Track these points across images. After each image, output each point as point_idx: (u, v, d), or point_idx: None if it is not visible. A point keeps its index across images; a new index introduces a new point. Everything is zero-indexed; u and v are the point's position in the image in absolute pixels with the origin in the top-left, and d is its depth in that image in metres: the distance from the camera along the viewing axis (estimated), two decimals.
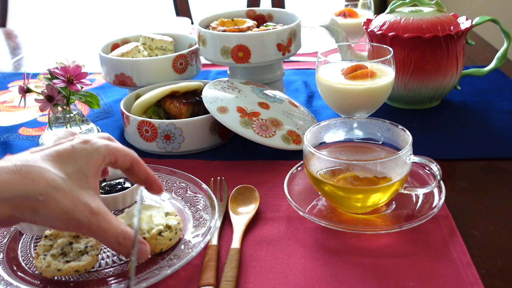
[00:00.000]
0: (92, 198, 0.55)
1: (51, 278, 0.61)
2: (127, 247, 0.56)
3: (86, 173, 0.56)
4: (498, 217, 0.69)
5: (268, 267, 0.62)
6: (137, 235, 0.55)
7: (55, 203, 0.52)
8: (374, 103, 0.89)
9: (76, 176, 0.55)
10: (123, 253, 0.56)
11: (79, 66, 0.89)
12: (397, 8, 1.00)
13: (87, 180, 0.55)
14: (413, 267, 0.61)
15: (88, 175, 0.56)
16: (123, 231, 0.55)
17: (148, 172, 0.63)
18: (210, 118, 0.87)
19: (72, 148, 0.56)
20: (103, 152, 0.57)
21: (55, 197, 0.52)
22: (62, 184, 0.53)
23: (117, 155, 0.59)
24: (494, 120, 0.96)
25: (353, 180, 0.67)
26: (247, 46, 0.96)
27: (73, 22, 3.45)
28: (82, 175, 0.55)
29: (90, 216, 0.54)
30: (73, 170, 0.55)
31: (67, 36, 1.73)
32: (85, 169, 0.56)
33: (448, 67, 0.96)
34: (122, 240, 0.55)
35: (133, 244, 0.56)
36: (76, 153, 0.56)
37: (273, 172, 0.82)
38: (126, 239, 0.55)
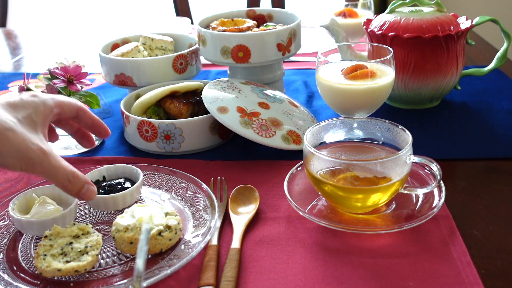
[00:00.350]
0: (42, 142, 0.61)
1: (51, 278, 0.61)
2: (76, 186, 0.62)
3: (35, 120, 0.62)
4: (498, 217, 0.69)
5: (268, 267, 0.62)
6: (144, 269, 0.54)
7: (8, 142, 0.58)
8: (374, 103, 0.89)
9: (26, 121, 0.61)
10: (73, 192, 0.62)
11: (79, 66, 0.89)
12: (397, 8, 1.00)
13: (36, 127, 0.62)
14: (413, 267, 0.61)
15: (37, 122, 0.62)
16: (72, 170, 0.62)
17: (94, 117, 0.71)
18: (210, 118, 0.87)
19: (21, 99, 0.63)
20: (50, 103, 0.65)
21: (7, 135, 0.58)
22: (13, 126, 0.59)
23: (63, 105, 0.67)
24: (494, 120, 0.96)
25: (353, 180, 0.67)
26: (247, 46, 0.96)
27: (73, 22, 3.45)
28: (31, 121, 0.62)
29: (41, 155, 0.59)
30: (23, 116, 0.61)
31: (67, 36, 1.73)
32: (34, 117, 0.62)
33: (448, 67, 0.96)
34: (71, 179, 0.61)
35: (81, 185, 0.62)
36: (25, 103, 0.63)
37: (273, 172, 0.82)
38: (75, 178, 0.62)
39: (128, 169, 0.76)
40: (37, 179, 0.82)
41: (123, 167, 0.77)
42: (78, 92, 0.90)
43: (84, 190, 0.63)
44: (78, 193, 0.63)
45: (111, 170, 0.76)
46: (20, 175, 0.84)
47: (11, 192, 0.79)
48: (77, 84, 0.87)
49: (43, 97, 0.65)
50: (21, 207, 0.70)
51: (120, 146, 0.93)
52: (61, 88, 0.88)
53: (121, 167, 0.77)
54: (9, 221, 0.71)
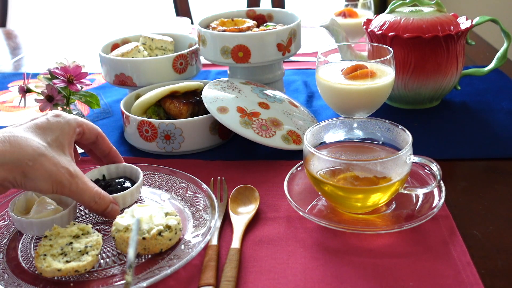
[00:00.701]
0: (70, 163, 0.64)
1: (51, 278, 0.61)
2: (102, 206, 0.66)
3: (62, 142, 0.65)
4: (498, 217, 0.69)
5: (268, 267, 0.62)
6: (133, 265, 0.55)
7: (41, 167, 0.61)
8: (374, 103, 0.89)
9: (55, 144, 0.64)
10: (99, 211, 0.66)
11: (79, 66, 0.89)
12: (397, 8, 1.00)
13: (64, 148, 0.65)
14: (413, 267, 0.61)
15: (64, 144, 0.65)
16: (98, 191, 0.66)
17: (111, 147, 0.75)
18: (210, 118, 0.87)
19: (47, 121, 0.66)
20: (73, 123, 0.68)
21: (41, 161, 0.61)
22: (45, 151, 0.62)
23: (85, 127, 0.70)
24: (494, 120, 0.96)
25: (353, 180, 0.67)
26: (247, 46, 0.96)
27: (73, 22, 3.44)
28: (59, 144, 0.65)
29: (70, 178, 0.63)
30: (52, 139, 0.64)
31: (67, 36, 1.73)
32: (61, 139, 0.65)
33: (448, 67, 0.96)
34: (98, 200, 0.65)
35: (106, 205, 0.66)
36: (52, 125, 0.66)
37: (273, 172, 0.82)
38: (101, 199, 0.66)
39: (129, 168, 0.76)
40: None
41: (124, 166, 0.76)
42: (78, 92, 0.90)
43: (109, 209, 0.67)
44: (103, 213, 0.67)
45: (111, 169, 0.76)
46: None
47: (11, 192, 0.79)
48: (77, 84, 0.87)
49: (67, 118, 0.68)
50: (21, 207, 0.70)
51: (120, 146, 0.93)
52: (61, 88, 0.88)
53: (122, 166, 0.76)
54: (9, 221, 0.71)
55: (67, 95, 0.89)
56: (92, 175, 0.75)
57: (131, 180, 0.75)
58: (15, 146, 0.60)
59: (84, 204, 0.65)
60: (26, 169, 0.60)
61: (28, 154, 0.60)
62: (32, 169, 0.60)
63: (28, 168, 0.60)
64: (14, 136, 0.61)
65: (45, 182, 0.61)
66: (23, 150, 0.60)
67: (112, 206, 0.67)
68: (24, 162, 0.60)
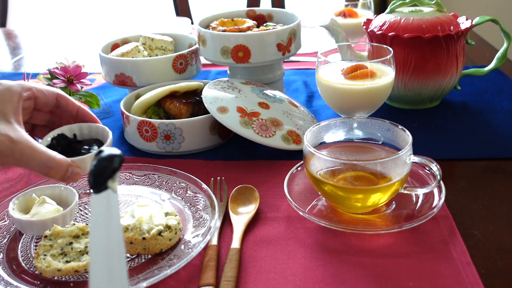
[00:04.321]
0: (11, 129, 0.58)
1: (51, 278, 0.61)
2: (59, 172, 0.58)
3: (2, 109, 0.59)
4: (498, 217, 0.70)
5: (268, 267, 0.62)
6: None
7: None
8: (374, 103, 0.89)
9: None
10: (57, 177, 0.59)
11: (79, 66, 0.89)
12: (397, 8, 1.00)
13: (6, 116, 0.59)
14: (413, 267, 0.61)
15: (5, 112, 0.59)
16: (50, 156, 0.58)
17: (79, 106, 0.66)
18: (210, 118, 0.87)
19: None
20: (17, 88, 0.61)
21: None
22: None
23: (35, 91, 0.63)
24: (494, 120, 0.96)
25: (353, 180, 0.67)
26: (247, 46, 0.96)
27: (73, 22, 3.45)
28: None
29: (11, 144, 0.56)
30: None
31: (67, 36, 1.73)
32: (1, 106, 0.59)
33: (448, 67, 0.96)
34: (52, 164, 0.58)
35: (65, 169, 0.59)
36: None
37: (273, 172, 0.82)
38: (56, 163, 0.58)
39: (101, 130, 0.68)
40: (37, 179, 0.82)
41: (97, 127, 0.68)
42: (78, 92, 0.90)
43: (68, 174, 0.60)
44: (62, 178, 0.60)
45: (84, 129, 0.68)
46: (20, 175, 0.84)
47: (11, 192, 0.79)
48: (77, 84, 0.87)
49: (9, 84, 0.62)
50: (21, 207, 0.70)
51: (120, 146, 0.93)
52: (61, 88, 0.88)
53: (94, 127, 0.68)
54: (9, 221, 0.71)
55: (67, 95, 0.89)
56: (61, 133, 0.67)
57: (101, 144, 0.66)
58: None
59: (36, 172, 0.59)
60: None
61: None
62: None
63: None
64: None
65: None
66: None
67: (71, 170, 0.59)
68: None
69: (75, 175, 0.60)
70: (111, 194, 0.42)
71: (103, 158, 0.42)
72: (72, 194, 0.71)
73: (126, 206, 0.74)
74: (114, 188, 0.42)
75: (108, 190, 0.42)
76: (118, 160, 0.42)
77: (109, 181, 0.42)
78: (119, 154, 0.43)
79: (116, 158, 0.42)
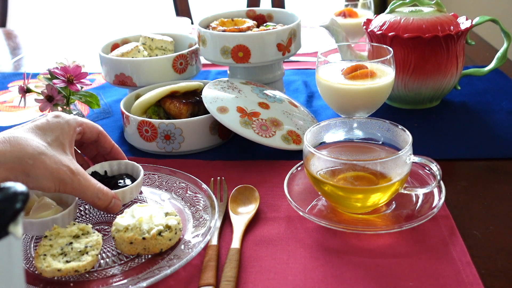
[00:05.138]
0: (71, 161, 0.65)
1: (51, 278, 0.61)
2: (105, 202, 0.67)
3: (63, 141, 0.66)
4: (498, 217, 0.69)
5: (268, 267, 0.62)
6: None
7: (42, 165, 0.62)
8: (374, 103, 0.89)
9: (55, 144, 0.65)
10: (102, 207, 0.67)
11: (79, 66, 0.89)
12: (397, 8, 1.00)
13: (64, 148, 0.66)
14: (413, 267, 0.61)
15: (64, 143, 0.66)
16: (100, 187, 0.66)
17: (113, 144, 0.76)
18: (210, 118, 0.87)
19: (47, 122, 0.67)
20: (73, 123, 0.69)
21: (41, 160, 0.62)
22: (45, 150, 0.63)
23: (85, 126, 0.71)
24: (494, 120, 0.96)
25: (353, 180, 0.67)
26: (247, 46, 0.96)
27: (73, 22, 3.44)
28: (60, 143, 0.66)
29: (72, 175, 0.64)
30: (52, 139, 0.66)
31: (67, 36, 1.73)
32: (61, 138, 0.66)
33: (448, 67, 0.96)
34: (101, 196, 0.66)
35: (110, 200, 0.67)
36: (51, 125, 0.67)
37: (273, 172, 0.82)
38: (104, 194, 0.66)
39: (130, 166, 0.76)
40: None
41: (125, 163, 0.77)
42: (78, 92, 0.90)
43: (112, 205, 0.68)
44: (106, 208, 0.67)
45: (113, 165, 0.77)
46: None
47: None
48: (77, 84, 0.87)
49: (67, 118, 0.69)
50: None
51: (120, 146, 0.92)
52: (61, 88, 0.88)
53: (123, 163, 0.77)
54: None
55: (67, 95, 0.89)
56: (94, 171, 0.76)
57: (132, 178, 0.75)
58: (15, 146, 0.61)
59: (87, 201, 0.66)
60: (27, 168, 0.61)
61: (28, 153, 0.61)
62: (33, 168, 0.61)
63: (29, 166, 0.61)
64: (14, 136, 0.62)
65: (47, 180, 0.62)
66: (24, 150, 0.61)
67: (114, 201, 0.68)
68: (25, 161, 0.61)
69: (116, 206, 0.68)
70: (13, 241, 0.34)
71: (2, 198, 0.34)
72: None
73: (126, 206, 0.74)
74: (17, 234, 0.35)
75: (10, 236, 0.34)
76: (22, 198, 0.35)
77: (10, 226, 0.34)
78: (23, 192, 0.35)
79: (19, 197, 0.35)
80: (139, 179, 0.73)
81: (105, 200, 0.67)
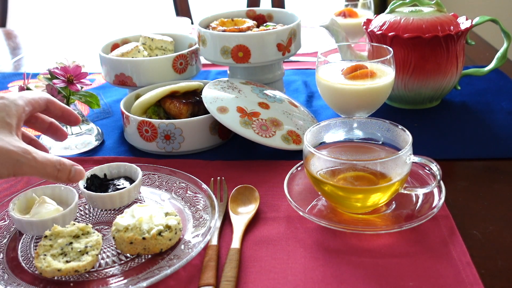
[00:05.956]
0: (21, 142, 0.61)
1: (51, 278, 0.61)
2: (65, 172, 0.63)
3: (9, 122, 0.62)
4: (498, 217, 0.69)
5: (268, 267, 0.62)
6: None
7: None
8: (374, 103, 0.89)
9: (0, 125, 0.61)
10: (63, 179, 0.63)
11: (79, 66, 0.89)
12: (397, 8, 1.00)
13: (11, 129, 0.62)
14: (413, 267, 0.61)
15: (11, 124, 0.63)
16: (57, 159, 0.62)
17: (64, 107, 0.71)
18: (210, 118, 0.87)
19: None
20: (20, 102, 0.65)
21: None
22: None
23: (33, 102, 0.67)
24: (494, 120, 0.96)
25: (353, 180, 0.67)
26: (247, 46, 0.96)
27: (73, 22, 3.44)
28: (6, 125, 0.62)
29: (26, 155, 0.60)
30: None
31: (67, 36, 1.73)
32: (7, 119, 0.62)
33: (448, 67, 0.96)
34: (60, 166, 0.62)
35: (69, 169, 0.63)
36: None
37: (273, 172, 0.82)
38: (62, 165, 0.62)
39: (129, 168, 0.77)
40: (36, 179, 0.82)
41: (124, 165, 0.77)
42: (78, 92, 0.90)
43: (73, 173, 0.63)
44: (68, 178, 0.63)
45: (113, 168, 0.77)
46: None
47: (11, 192, 0.79)
48: (77, 84, 0.87)
49: (12, 98, 0.64)
50: (21, 207, 0.70)
51: (120, 146, 0.93)
52: (61, 88, 0.88)
53: (122, 166, 0.77)
54: (9, 221, 0.71)
55: (67, 95, 0.89)
56: (93, 174, 0.76)
57: (131, 180, 0.75)
58: None
59: (48, 177, 0.62)
60: None
61: None
62: None
63: None
64: None
65: (1, 165, 0.58)
66: None
67: (74, 169, 0.63)
68: None
69: (78, 173, 0.64)
70: None
71: None
72: (72, 194, 0.71)
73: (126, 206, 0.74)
74: None
75: None
76: None
77: None
78: None
79: None
80: (137, 181, 0.73)
81: (65, 169, 0.62)
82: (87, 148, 0.92)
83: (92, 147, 0.92)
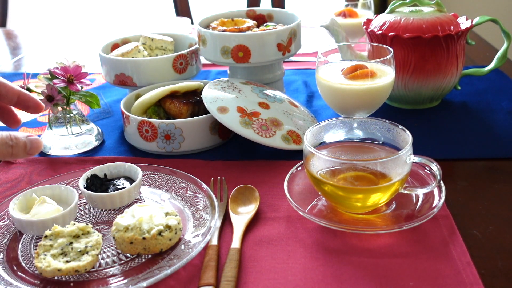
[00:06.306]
0: None
1: (51, 278, 0.61)
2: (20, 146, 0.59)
3: None
4: (498, 217, 0.70)
5: (268, 267, 0.62)
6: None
7: None
8: (374, 103, 0.89)
9: None
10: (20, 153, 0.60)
11: (79, 66, 0.89)
12: (397, 8, 1.00)
13: None
14: (413, 267, 0.61)
15: None
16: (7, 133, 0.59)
17: (19, 91, 0.64)
18: (210, 118, 0.87)
19: None
20: None
21: None
22: None
23: None
24: (494, 120, 0.96)
25: (353, 180, 0.67)
26: (247, 46, 0.96)
27: (73, 22, 3.44)
28: None
29: None
30: None
31: (67, 36, 1.73)
32: None
33: (448, 67, 0.96)
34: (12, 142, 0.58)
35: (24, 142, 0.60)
36: None
37: (273, 172, 0.82)
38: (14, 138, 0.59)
39: (129, 168, 0.77)
40: (37, 179, 0.82)
41: (124, 165, 0.77)
42: (78, 92, 0.90)
43: (29, 146, 0.60)
44: (26, 152, 0.60)
45: (113, 168, 0.77)
46: (21, 175, 0.84)
47: (11, 192, 0.79)
48: (77, 84, 0.87)
49: None
50: (21, 207, 0.70)
51: (120, 146, 0.93)
52: (61, 88, 0.88)
53: (122, 166, 0.77)
54: (9, 221, 0.71)
55: (67, 95, 0.89)
56: (93, 174, 0.76)
57: (131, 180, 0.75)
58: None
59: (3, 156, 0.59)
60: None
61: None
62: None
63: None
64: None
65: None
66: None
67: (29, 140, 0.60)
68: None
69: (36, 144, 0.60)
70: None
71: None
72: (72, 194, 0.71)
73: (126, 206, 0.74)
74: None
75: None
76: None
77: None
78: None
79: None
80: (137, 181, 0.73)
81: (18, 143, 0.59)
82: (87, 148, 0.92)
83: (92, 147, 0.92)
